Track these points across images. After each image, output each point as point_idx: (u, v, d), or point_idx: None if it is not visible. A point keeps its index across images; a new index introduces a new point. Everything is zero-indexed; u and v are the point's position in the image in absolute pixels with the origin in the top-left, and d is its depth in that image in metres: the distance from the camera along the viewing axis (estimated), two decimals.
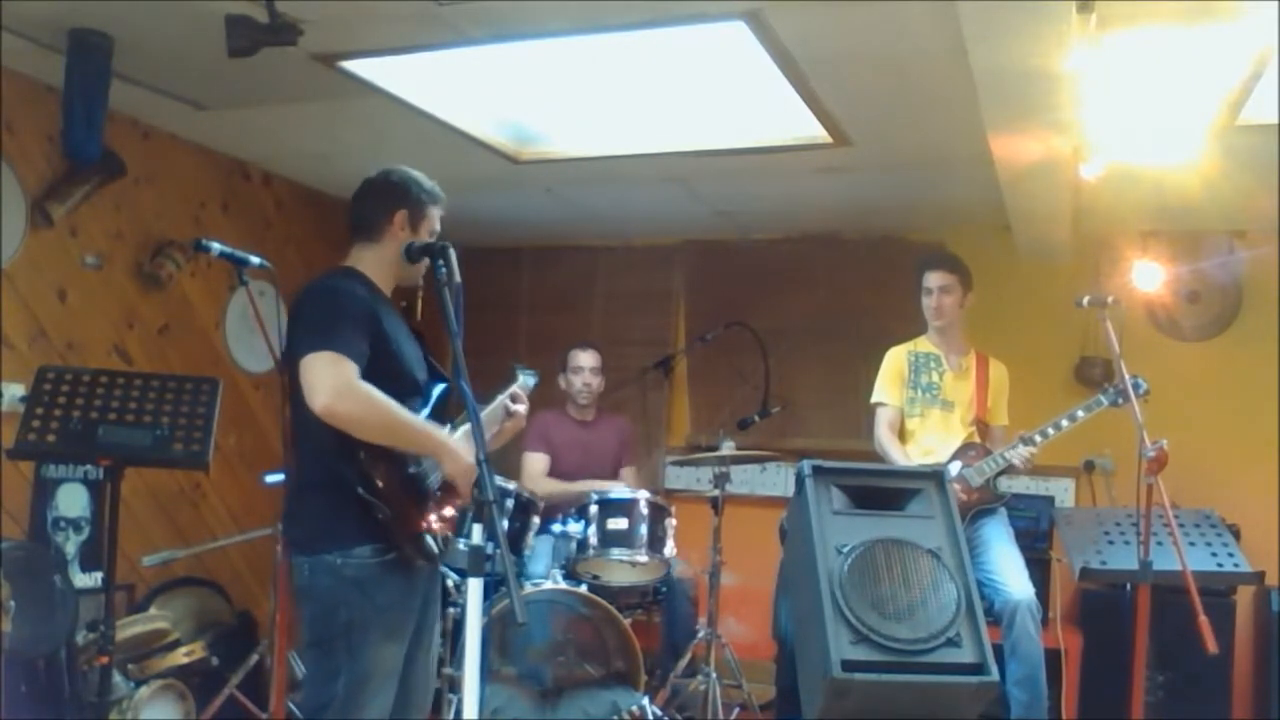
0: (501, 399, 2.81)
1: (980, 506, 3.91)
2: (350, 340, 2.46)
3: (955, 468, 3.92)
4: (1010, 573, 3.76)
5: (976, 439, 4.07)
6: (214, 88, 4.04)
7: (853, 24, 3.16)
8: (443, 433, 2.58)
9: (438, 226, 2.78)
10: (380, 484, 2.47)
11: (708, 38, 3.34)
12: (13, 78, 3.90)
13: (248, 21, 3.14)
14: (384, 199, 2.70)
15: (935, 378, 4.12)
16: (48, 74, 3.80)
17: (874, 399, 4.21)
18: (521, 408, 2.81)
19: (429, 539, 2.56)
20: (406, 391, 2.57)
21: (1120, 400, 3.67)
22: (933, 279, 4.12)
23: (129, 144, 4.37)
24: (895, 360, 4.20)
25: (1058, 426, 3.84)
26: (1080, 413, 3.82)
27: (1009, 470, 3.93)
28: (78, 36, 3.51)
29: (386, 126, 4.27)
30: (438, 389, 2.67)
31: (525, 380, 2.90)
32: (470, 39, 3.41)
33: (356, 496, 2.45)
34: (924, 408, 4.11)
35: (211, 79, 3.90)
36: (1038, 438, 3.85)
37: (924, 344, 4.21)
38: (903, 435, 4.14)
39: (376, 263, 2.69)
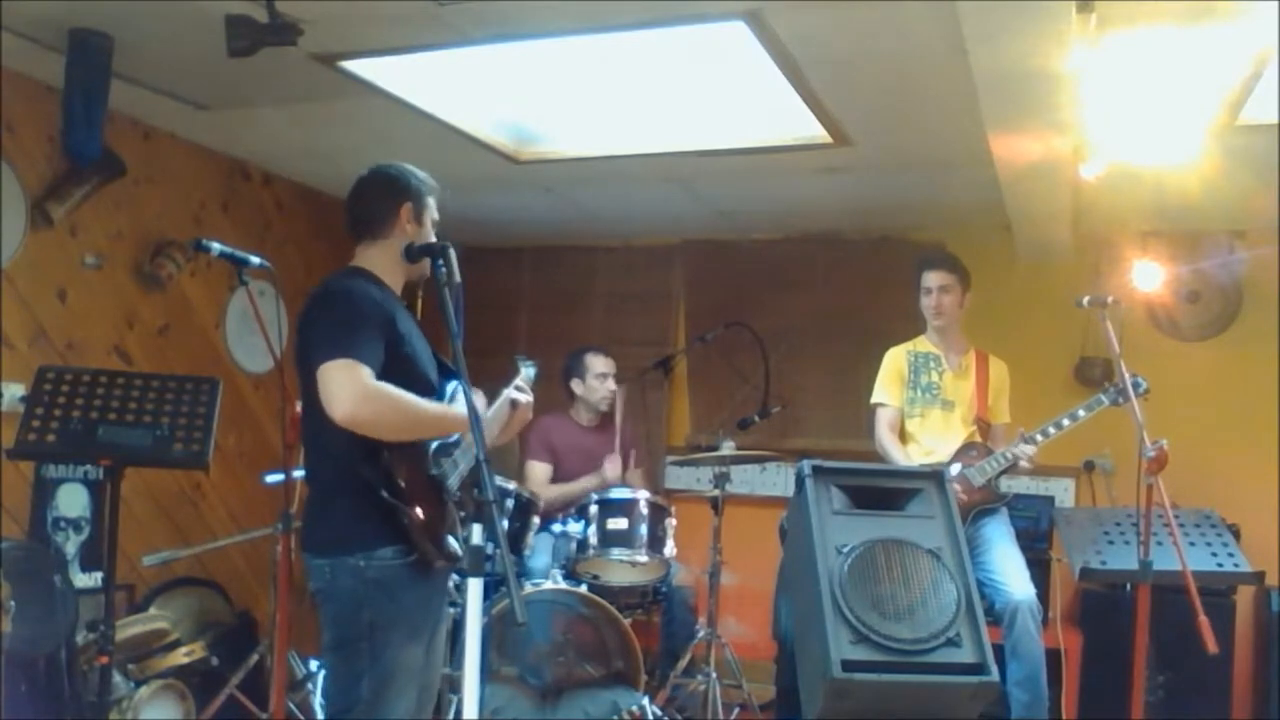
0: (507, 393, 2.82)
1: (982, 506, 3.92)
2: (365, 345, 2.45)
3: (956, 468, 3.92)
4: (1011, 573, 3.76)
5: (978, 438, 4.07)
6: (214, 88, 4.04)
7: (853, 24, 3.16)
8: (460, 410, 2.55)
9: (436, 216, 2.78)
10: (404, 485, 2.48)
11: (708, 38, 3.34)
12: (13, 78, 3.90)
13: (248, 21, 3.14)
14: (386, 195, 2.69)
15: (935, 377, 4.12)
16: (48, 74, 3.80)
17: (874, 399, 4.21)
18: (526, 397, 2.82)
19: (450, 540, 2.58)
20: (420, 390, 2.57)
21: (1120, 399, 3.67)
22: (932, 279, 4.12)
23: (129, 144, 4.37)
24: (894, 360, 4.20)
25: (1059, 425, 3.84)
26: (1081, 412, 3.82)
27: (1010, 470, 3.93)
28: (78, 36, 3.51)
29: (386, 126, 4.27)
30: (450, 385, 2.68)
31: (526, 372, 2.91)
32: (470, 39, 3.41)
33: (380, 500, 2.46)
34: (924, 408, 4.11)
35: (211, 79, 3.90)
36: (1039, 437, 3.85)
37: (923, 344, 4.20)
38: (903, 436, 4.14)
39: (385, 260, 2.67)
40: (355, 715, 2.48)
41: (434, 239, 2.73)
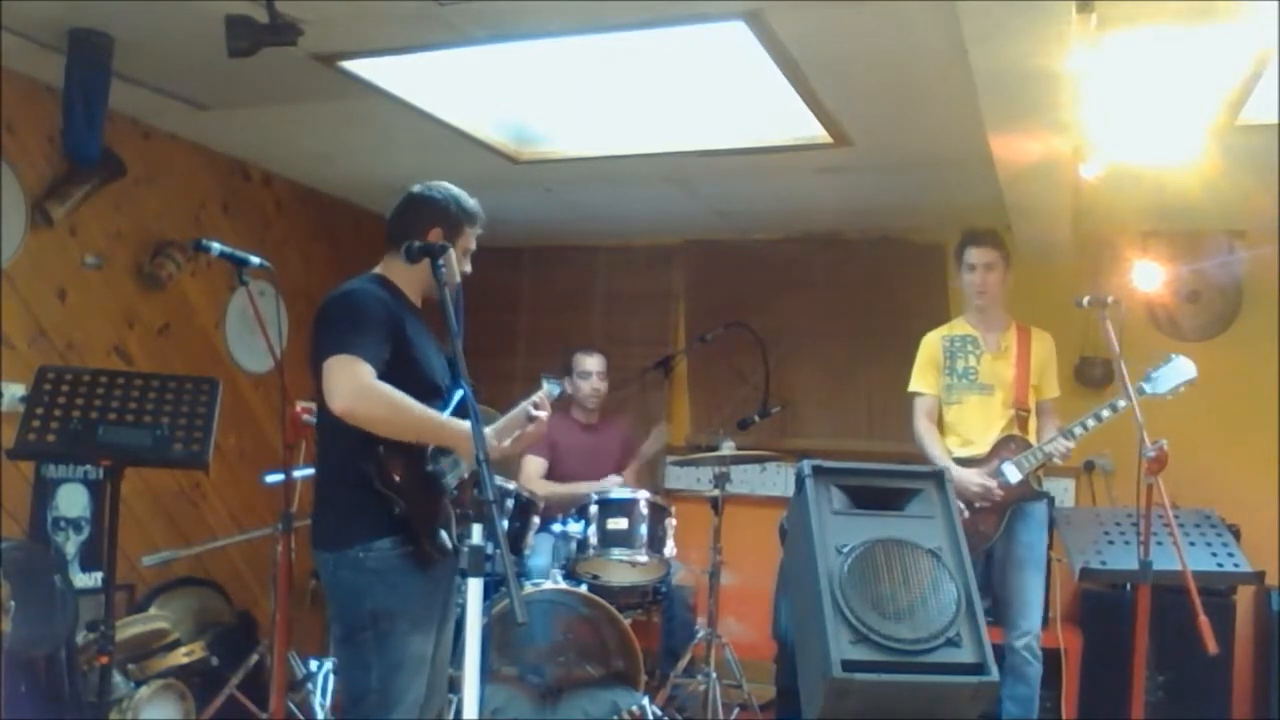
0: (524, 405, 2.85)
1: (1019, 503, 3.86)
2: (368, 343, 2.51)
3: (992, 465, 3.87)
4: (1023, 603, 3.82)
5: (1015, 428, 3.95)
6: (214, 88, 4.04)
7: (853, 24, 3.16)
8: (460, 423, 2.59)
9: (473, 246, 2.82)
10: (397, 479, 2.54)
11: (708, 38, 3.34)
12: (13, 78, 3.90)
13: (248, 21, 3.14)
14: (423, 213, 2.74)
15: (972, 361, 4.00)
16: (48, 74, 3.80)
17: (910, 388, 4.12)
18: (543, 414, 2.85)
19: (443, 534, 2.61)
20: (426, 395, 2.61)
21: (1163, 388, 3.60)
22: (977, 255, 3.99)
23: (129, 144, 4.37)
24: (929, 347, 4.11)
25: (1098, 418, 3.73)
26: (1121, 403, 3.66)
27: (1047, 464, 3.85)
28: (78, 36, 3.51)
29: (386, 126, 4.27)
30: (459, 393, 2.69)
31: (550, 389, 2.94)
32: (470, 39, 3.41)
33: (375, 491, 2.52)
34: (961, 394, 4.00)
35: (211, 79, 3.90)
36: (1077, 430, 3.76)
37: (961, 326, 4.10)
38: (942, 426, 4.05)
39: (406, 273, 2.72)
40: (367, 705, 2.53)
41: (466, 267, 2.79)
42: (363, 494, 2.53)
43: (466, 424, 2.59)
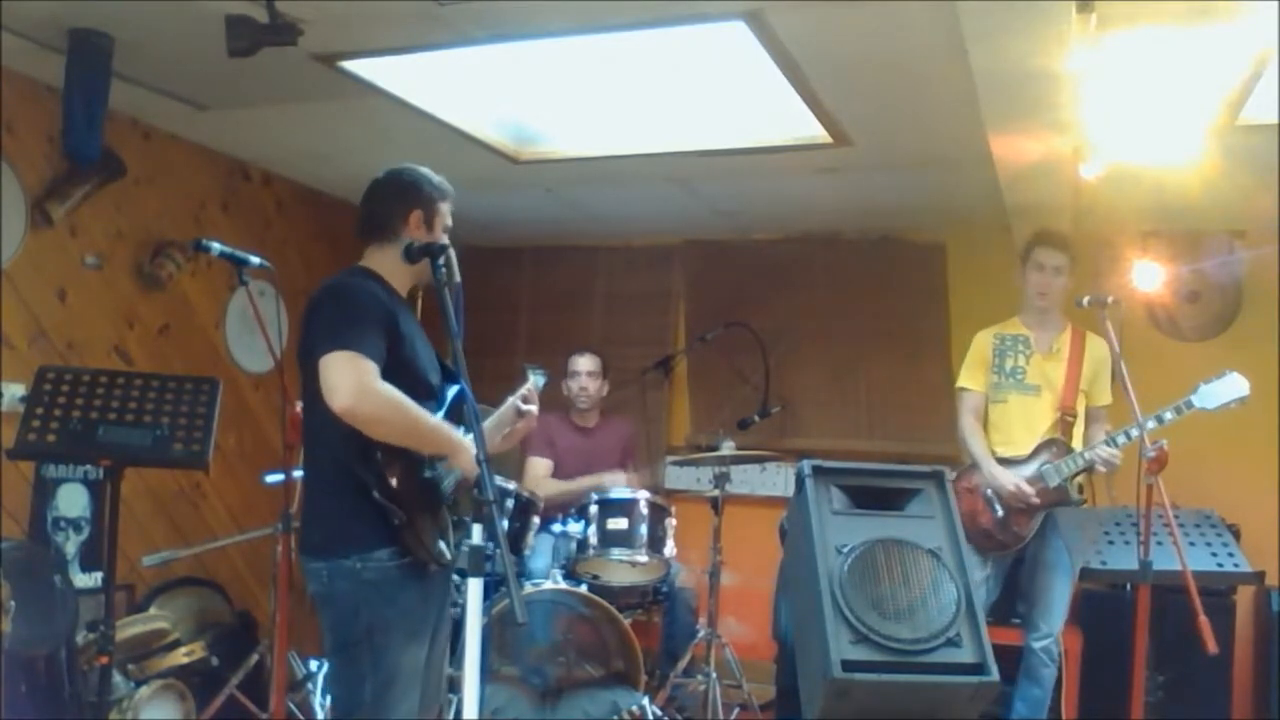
0: (512, 400, 2.81)
1: (1055, 506, 3.84)
2: (370, 340, 2.44)
3: (1032, 468, 3.85)
4: (1045, 604, 3.85)
5: (1058, 432, 3.92)
6: (214, 88, 4.04)
7: (853, 24, 3.16)
8: (458, 433, 2.55)
9: (450, 222, 2.76)
10: (396, 487, 2.46)
11: (708, 38, 3.34)
12: (13, 78, 3.90)
13: (248, 21, 3.14)
14: (398, 200, 2.67)
15: (1021, 361, 3.98)
16: (48, 74, 3.80)
17: (958, 384, 4.12)
18: (532, 408, 2.80)
19: (442, 543, 2.56)
20: (420, 394, 2.54)
21: (1209, 404, 3.59)
22: (1047, 257, 3.96)
23: (129, 144, 4.37)
24: (979, 344, 4.09)
25: (1142, 427, 3.63)
26: (1169, 414, 3.63)
27: (1089, 470, 3.83)
28: (78, 36, 3.51)
29: (386, 126, 4.27)
30: (451, 391, 2.65)
31: (535, 380, 2.88)
32: (470, 39, 3.41)
33: (372, 500, 2.44)
34: (1006, 393, 3.98)
35: (211, 79, 3.90)
36: (1120, 438, 3.72)
37: (1014, 325, 4.08)
38: (987, 424, 4.03)
39: (391, 264, 2.65)
40: (359, 717, 2.48)
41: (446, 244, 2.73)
42: (357, 500, 2.45)
43: (461, 434, 2.55)
